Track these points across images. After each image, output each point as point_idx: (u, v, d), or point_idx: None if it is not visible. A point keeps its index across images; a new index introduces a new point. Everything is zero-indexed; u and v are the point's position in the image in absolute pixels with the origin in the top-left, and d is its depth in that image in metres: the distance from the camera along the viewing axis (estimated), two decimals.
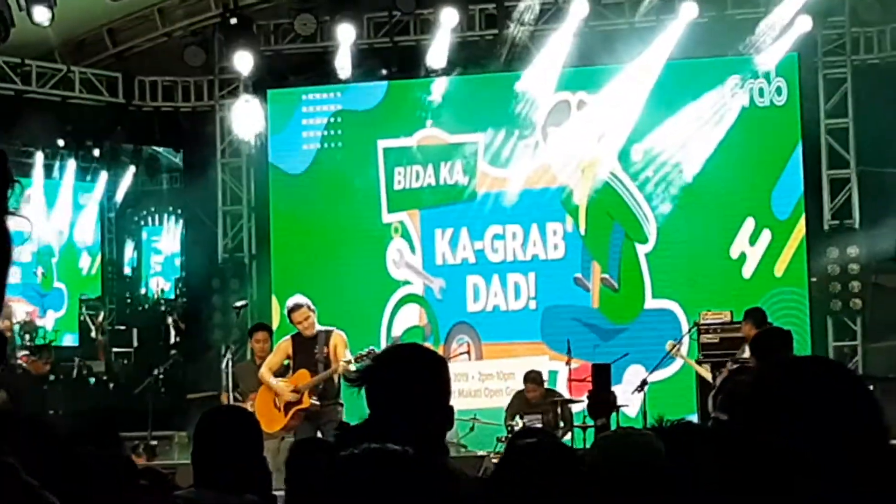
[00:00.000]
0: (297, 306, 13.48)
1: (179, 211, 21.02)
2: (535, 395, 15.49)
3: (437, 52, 18.30)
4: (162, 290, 21.32)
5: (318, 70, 19.08)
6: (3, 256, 1.83)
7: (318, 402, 13.26)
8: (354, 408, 10.60)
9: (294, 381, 13.38)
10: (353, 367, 12.59)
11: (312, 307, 13.49)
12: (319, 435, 13.09)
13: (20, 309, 20.42)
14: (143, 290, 21.35)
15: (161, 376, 18.39)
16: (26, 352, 18.35)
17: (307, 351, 13.37)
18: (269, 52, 19.48)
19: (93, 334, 20.77)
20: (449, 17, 18.09)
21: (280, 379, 13.52)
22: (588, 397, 14.59)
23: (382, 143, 18.89)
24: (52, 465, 3.72)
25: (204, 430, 5.29)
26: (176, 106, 20.48)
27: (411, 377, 4.15)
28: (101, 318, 20.77)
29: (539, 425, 14.21)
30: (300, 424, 13.33)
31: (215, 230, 19.94)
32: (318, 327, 13.44)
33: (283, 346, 13.69)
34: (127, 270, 21.46)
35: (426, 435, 4.01)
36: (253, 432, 5.27)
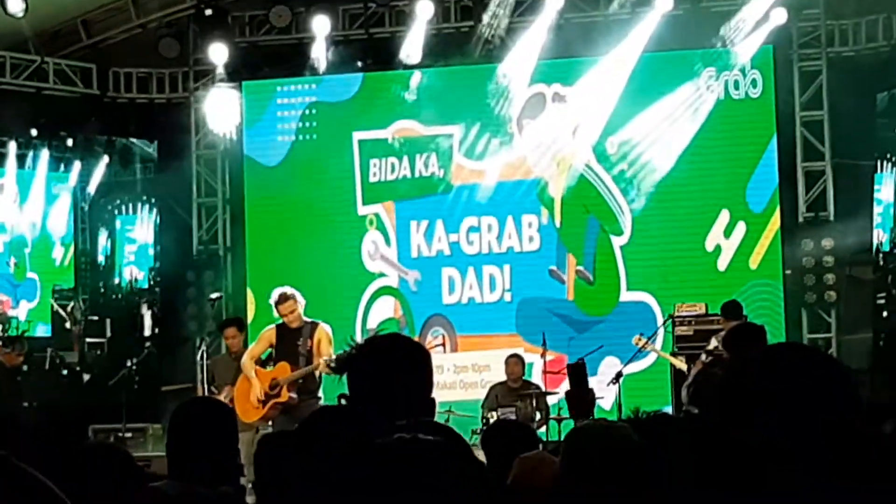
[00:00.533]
0: (285, 297, 13.44)
1: (153, 200, 20.91)
2: (516, 370, 15.55)
3: (413, 44, 18.27)
4: (135, 280, 21.20)
5: (293, 62, 19.03)
6: None
7: (296, 396, 13.23)
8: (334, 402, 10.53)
9: (275, 373, 13.35)
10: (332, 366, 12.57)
11: (300, 299, 13.47)
12: None
13: None
14: (116, 280, 21.22)
15: (135, 368, 18.34)
16: None
17: (290, 342, 13.32)
18: (244, 43, 19.43)
19: (67, 325, 20.69)
20: (424, 9, 18.06)
21: (261, 369, 13.49)
22: (567, 397, 14.53)
23: (358, 135, 18.86)
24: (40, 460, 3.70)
25: (179, 421, 5.27)
26: (151, 97, 20.41)
27: (392, 368, 4.11)
28: (70, 307, 20.69)
29: (514, 417, 14.22)
30: (277, 417, 13.31)
31: (190, 222, 19.90)
32: (305, 319, 13.40)
33: (267, 334, 13.64)
34: (101, 259, 21.32)
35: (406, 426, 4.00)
36: (228, 425, 5.25)
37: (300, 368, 13.19)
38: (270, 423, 13.34)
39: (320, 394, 13.33)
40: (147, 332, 20.01)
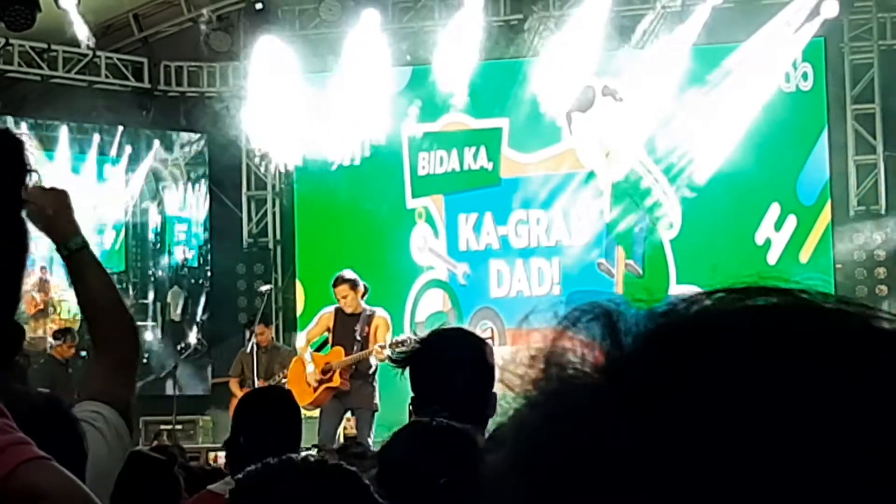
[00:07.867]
0: (340, 280, 13.38)
1: (203, 181, 20.85)
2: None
3: (462, 36, 18.25)
4: (185, 259, 21.18)
5: (341, 55, 19.03)
6: (20, 248, 1.75)
7: (348, 382, 13.24)
8: (392, 389, 10.68)
9: (329, 357, 13.35)
10: (386, 353, 12.50)
11: (357, 285, 13.35)
12: (348, 415, 13.15)
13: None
14: (166, 259, 21.17)
15: (182, 357, 18.39)
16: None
17: (347, 327, 13.27)
18: (295, 36, 19.47)
19: None
20: (473, 2, 18.06)
21: (316, 353, 13.53)
22: None
23: (406, 128, 18.88)
24: None
25: (241, 412, 5.31)
26: (201, 91, 20.49)
27: (455, 362, 4.10)
28: None
29: None
30: (328, 402, 13.34)
31: (239, 215, 19.99)
32: (364, 307, 13.35)
33: (325, 317, 13.63)
34: (151, 237, 21.27)
35: (468, 420, 4.00)
36: (292, 414, 5.28)
37: (353, 354, 13.20)
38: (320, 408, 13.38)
39: (376, 379, 13.28)
40: (177, 319, 20.00)
